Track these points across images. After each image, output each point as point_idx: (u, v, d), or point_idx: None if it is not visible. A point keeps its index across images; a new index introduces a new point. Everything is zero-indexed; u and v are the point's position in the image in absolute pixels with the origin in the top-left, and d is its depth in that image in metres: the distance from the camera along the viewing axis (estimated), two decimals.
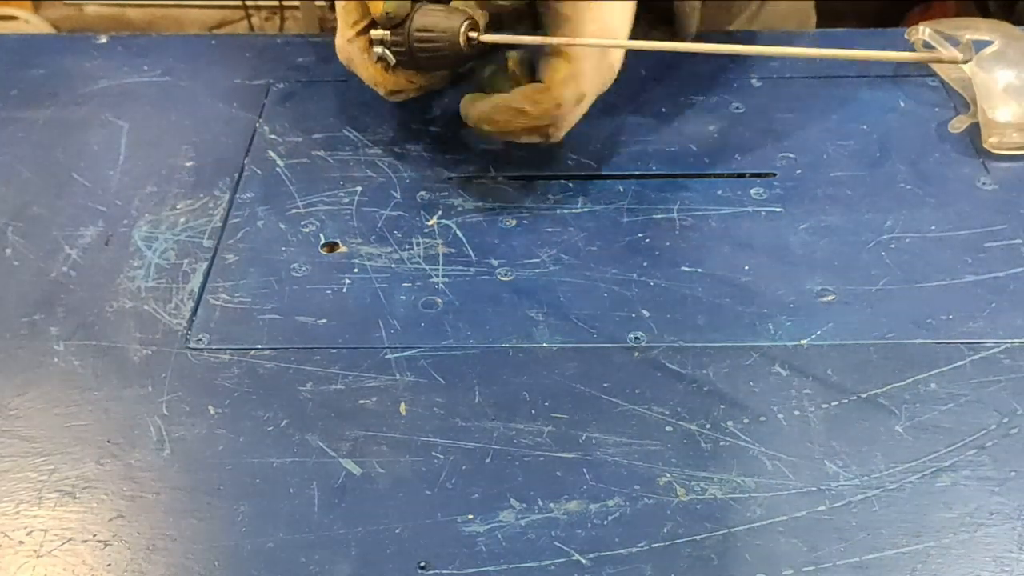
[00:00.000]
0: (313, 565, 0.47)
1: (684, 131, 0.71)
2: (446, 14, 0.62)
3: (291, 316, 0.59)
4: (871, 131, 0.70)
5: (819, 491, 0.49)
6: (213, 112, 0.74)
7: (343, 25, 0.66)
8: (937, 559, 0.46)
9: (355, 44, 0.66)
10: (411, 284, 0.60)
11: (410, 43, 0.62)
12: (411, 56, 0.63)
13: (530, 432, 0.52)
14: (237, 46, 0.81)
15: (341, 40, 0.67)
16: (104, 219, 0.66)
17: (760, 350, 0.56)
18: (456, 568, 0.47)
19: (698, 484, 0.50)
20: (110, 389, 0.55)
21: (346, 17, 0.66)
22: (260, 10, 1.72)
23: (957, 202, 0.65)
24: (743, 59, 0.77)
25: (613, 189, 0.66)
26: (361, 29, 0.65)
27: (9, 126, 0.74)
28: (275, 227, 0.65)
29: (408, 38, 0.62)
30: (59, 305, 0.60)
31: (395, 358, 0.56)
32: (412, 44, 0.62)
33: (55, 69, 0.79)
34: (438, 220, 0.65)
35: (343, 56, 0.68)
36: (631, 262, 0.61)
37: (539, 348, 0.56)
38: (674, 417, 0.53)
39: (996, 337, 0.56)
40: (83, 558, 0.48)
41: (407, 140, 0.71)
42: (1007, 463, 0.50)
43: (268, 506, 0.49)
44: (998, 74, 0.70)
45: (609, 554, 0.47)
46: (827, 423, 0.52)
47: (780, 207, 0.65)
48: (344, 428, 0.53)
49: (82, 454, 0.52)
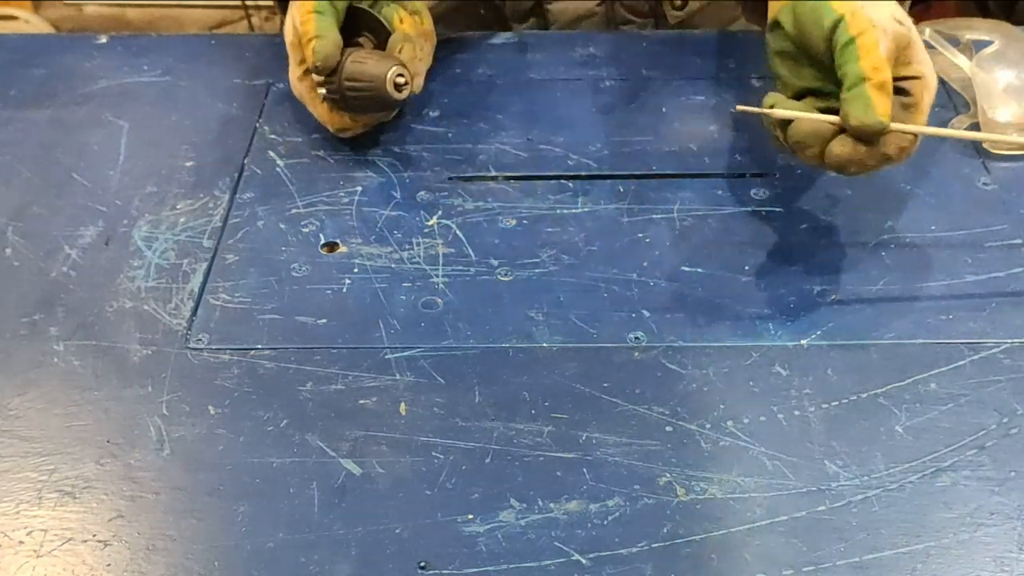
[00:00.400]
0: (313, 565, 0.47)
1: (684, 131, 0.71)
2: (376, 60, 0.64)
3: (291, 316, 0.59)
4: None
5: (819, 491, 0.49)
6: (213, 112, 0.74)
7: (292, 63, 0.68)
8: (937, 559, 0.46)
9: (304, 83, 0.68)
10: (411, 284, 0.60)
11: (342, 90, 0.64)
12: (344, 101, 0.65)
13: (530, 432, 0.52)
14: (237, 46, 0.81)
15: (292, 78, 0.69)
16: (104, 219, 0.66)
17: (760, 350, 0.56)
18: (456, 568, 0.47)
19: (698, 484, 0.50)
20: (110, 389, 0.55)
21: (293, 56, 0.68)
22: (260, 10, 1.72)
23: (957, 202, 0.65)
24: (743, 59, 0.77)
25: (613, 189, 0.66)
26: (306, 69, 0.67)
27: (9, 126, 0.74)
28: (275, 227, 0.65)
29: (340, 85, 0.64)
30: (59, 305, 0.60)
31: (395, 358, 0.56)
32: (344, 91, 0.64)
33: (55, 69, 0.79)
34: (438, 220, 0.65)
35: (296, 92, 0.70)
36: (631, 262, 0.61)
37: (539, 348, 0.56)
38: (674, 417, 0.53)
39: (996, 337, 0.56)
40: (83, 558, 0.48)
41: (407, 140, 0.71)
42: (1007, 463, 0.50)
43: (268, 506, 0.49)
44: (998, 74, 0.70)
45: (609, 554, 0.47)
46: (827, 423, 0.52)
47: (780, 207, 0.65)
48: (344, 428, 0.53)
49: (82, 454, 0.52)
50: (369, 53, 0.65)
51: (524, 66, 0.77)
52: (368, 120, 0.69)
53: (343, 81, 0.64)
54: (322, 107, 0.68)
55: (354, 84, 0.64)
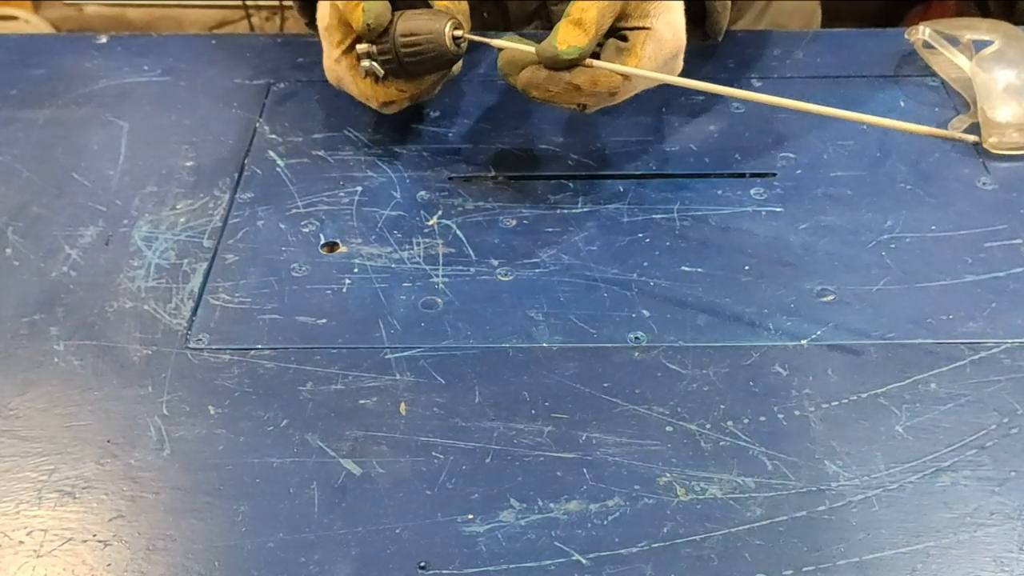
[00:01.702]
0: (313, 565, 0.47)
1: (684, 131, 0.71)
2: (429, 17, 0.63)
3: (291, 316, 0.59)
4: (871, 131, 0.70)
5: (819, 491, 0.49)
6: (213, 112, 0.74)
7: (328, 46, 0.67)
8: (937, 559, 0.46)
9: (342, 63, 0.66)
10: (411, 284, 0.60)
11: (396, 50, 0.63)
12: (399, 63, 0.63)
13: (530, 432, 0.52)
14: (237, 46, 0.81)
15: (328, 61, 0.67)
16: (104, 219, 0.66)
17: (760, 350, 0.56)
18: (456, 568, 0.47)
19: (698, 484, 0.50)
20: (110, 389, 0.55)
21: (330, 39, 0.66)
22: (260, 10, 1.73)
23: (957, 202, 0.65)
24: (743, 59, 0.77)
25: (613, 189, 0.66)
26: (346, 48, 0.66)
27: (9, 126, 0.74)
28: (275, 227, 0.65)
29: (394, 45, 0.63)
30: (59, 305, 0.60)
31: (395, 358, 0.56)
32: (399, 51, 0.63)
33: (55, 69, 0.79)
34: (438, 220, 0.65)
35: (332, 77, 0.68)
36: (631, 262, 0.61)
37: (539, 348, 0.56)
38: (674, 417, 0.53)
39: (996, 337, 0.56)
40: (83, 558, 0.48)
41: (407, 140, 0.71)
42: (1007, 463, 0.50)
43: (268, 506, 0.49)
44: (998, 74, 0.70)
45: (609, 554, 0.47)
46: (827, 423, 0.52)
47: (780, 207, 0.65)
48: (344, 428, 0.53)
49: (82, 454, 0.52)
50: (418, 11, 0.63)
51: None
52: (417, 90, 0.67)
53: (397, 39, 0.62)
54: (364, 82, 0.66)
55: (410, 40, 0.62)
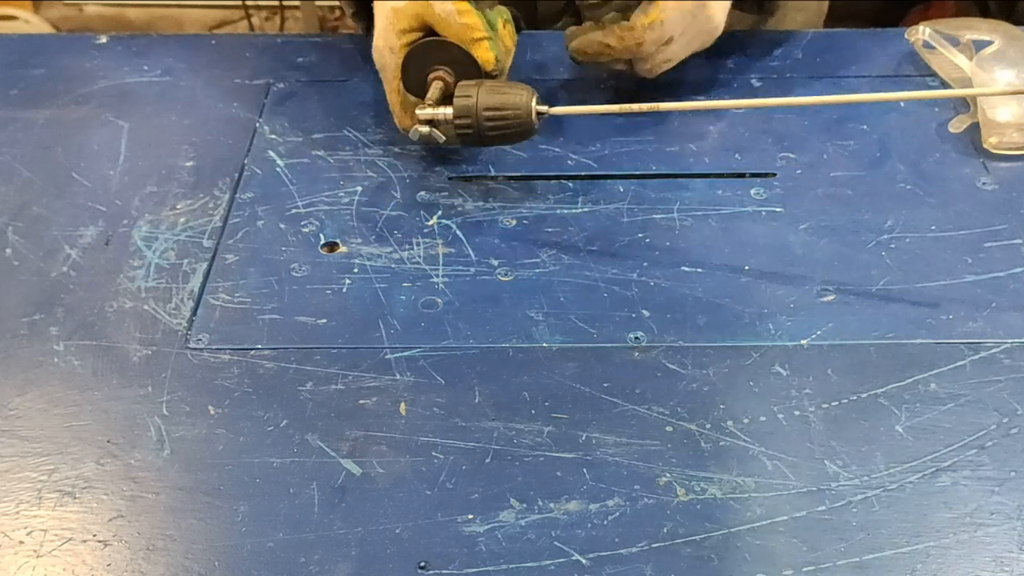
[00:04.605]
0: (313, 565, 0.47)
1: (684, 131, 0.71)
2: (512, 90, 0.60)
3: (291, 316, 0.59)
4: (871, 131, 0.70)
5: (819, 491, 0.49)
6: (213, 112, 0.74)
7: (388, 29, 0.61)
8: (937, 559, 0.46)
9: (396, 56, 0.62)
10: (411, 284, 0.60)
11: (479, 123, 0.60)
12: (480, 136, 0.61)
13: (530, 432, 0.52)
14: (237, 46, 0.81)
15: (383, 45, 0.62)
16: (104, 219, 0.66)
17: (760, 350, 0.56)
18: (456, 568, 0.47)
19: (698, 484, 0.50)
20: (110, 389, 0.55)
21: (395, 21, 0.61)
22: (260, 10, 1.73)
23: (957, 202, 0.65)
24: (743, 60, 0.77)
25: (613, 189, 0.66)
26: (407, 41, 0.62)
27: (9, 126, 0.74)
28: (275, 227, 0.65)
29: (477, 119, 0.59)
30: (59, 305, 0.60)
31: (395, 358, 0.56)
32: (481, 123, 0.60)
33: (55, 69, 0.79)
34: (438, 220, 0.65)
35: (379, 61, 0.64)
36: (631, 262, 0.61)
37: (539, 348, 0.56)
38: (674, 417, 0.53)
39: (996, 337, 0.56)
40: (83, 558, 0.48)
41: (407, 140, 0.71)
42: (1007, 463, 0.50)
43: (268, 506, 0.49)
44: (998, 74, 0.70)
45: (609, 554, 0.47)
46: (827, 423, 0.52)
47: (780, 207, 0.65)
48: (344, 428, 0.53)
49: (82, 454, 0.52)
50: (497, 83, 0.60)
51: (524, 66, 0.77)
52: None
53: (482, 112, 0.59)
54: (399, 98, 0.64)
55: (496, 115, 0.59)
